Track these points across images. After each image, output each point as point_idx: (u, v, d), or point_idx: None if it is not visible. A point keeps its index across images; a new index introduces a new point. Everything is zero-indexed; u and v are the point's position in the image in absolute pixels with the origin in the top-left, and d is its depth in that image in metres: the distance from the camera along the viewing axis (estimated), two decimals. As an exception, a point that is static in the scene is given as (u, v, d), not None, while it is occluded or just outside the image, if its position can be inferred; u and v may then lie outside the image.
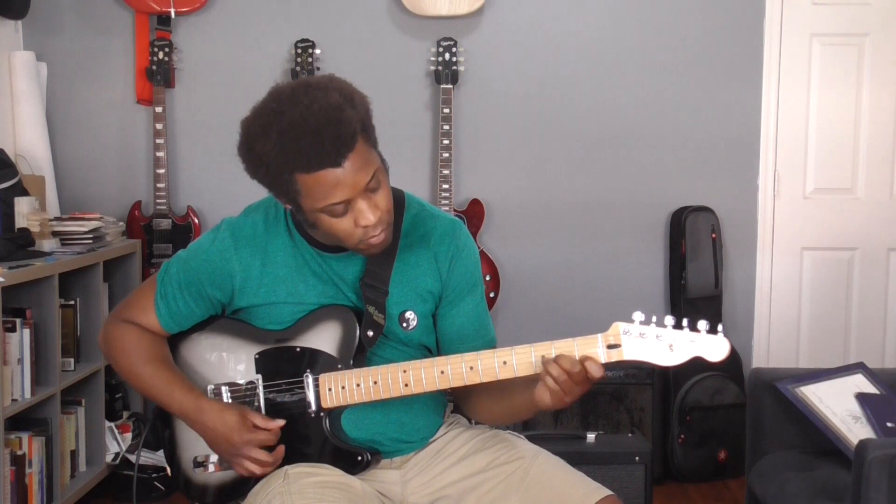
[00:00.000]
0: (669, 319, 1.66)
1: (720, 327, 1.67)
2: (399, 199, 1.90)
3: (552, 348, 1.73)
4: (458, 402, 1.99)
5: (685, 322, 1.66)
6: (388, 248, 1.86)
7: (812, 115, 4.18)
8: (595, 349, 1.68)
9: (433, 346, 1.95)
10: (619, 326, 1.68)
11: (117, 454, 3.63)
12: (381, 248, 1.81)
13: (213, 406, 1.86)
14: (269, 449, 1.86)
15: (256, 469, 1.85)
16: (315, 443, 1.87)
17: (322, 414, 1.86)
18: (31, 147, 3.85)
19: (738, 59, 4.15)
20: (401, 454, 1.95)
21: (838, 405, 2.82)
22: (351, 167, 1.69)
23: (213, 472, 1.92)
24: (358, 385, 1.82)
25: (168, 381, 1.91)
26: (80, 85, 4.12)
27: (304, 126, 1.65)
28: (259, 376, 1.90)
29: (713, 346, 1.66)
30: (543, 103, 4.15)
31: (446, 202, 3.93)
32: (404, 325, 1.90)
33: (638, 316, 1.66)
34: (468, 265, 1.94)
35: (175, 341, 1.98)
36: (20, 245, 3.24)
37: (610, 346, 1.68)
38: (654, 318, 1.67)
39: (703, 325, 1.65)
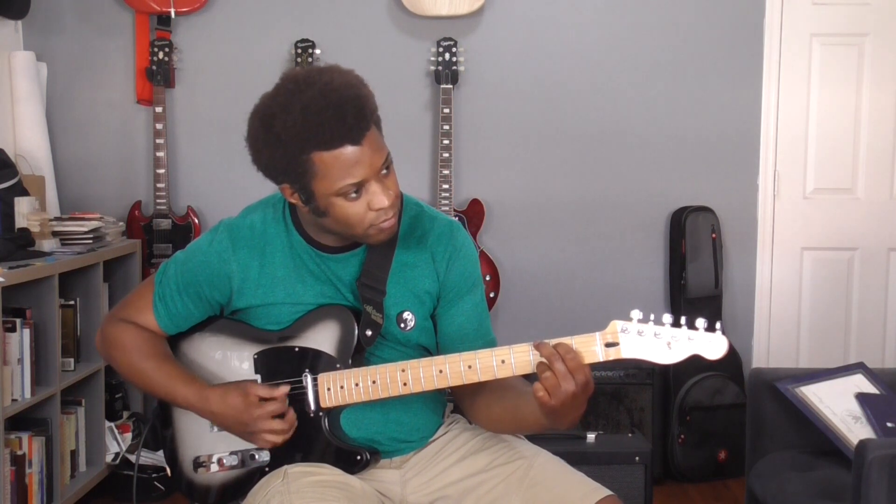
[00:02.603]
0: (667, 317, 1.65)
1: (718, 325, 1.66)
2: (397, 200, 1.91)
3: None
4: (460, 406, 1.99)
5: (683, 320, 1.65)
6: (386, 248, 1.87)
7: (812, 115, 4.18)
8: (593, 347, 1.67)
9: (432, 347, 1.95)
10: (617, 325, 1.67)
11: (117, 454, 3.63)
12: (388, 235, 1.81)
13: (216, 392, 1.87)
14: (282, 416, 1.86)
15: (276, 439, 1.85)
16: (314, 442, 1.87)
17: (321, 413, 1.86)
18: (31, 147, 3.85)
19: (737, 58, 4.15)
20: (400, 454, 1.95)
21: (838, 405, 2.81)
22: (368, 147, 1.71)
23: (216, 472, 1.92)
24: (357, 384, 1.82)
25: (169, 375, 1.91)
26: (80, 85, 4.12)
27: (328, 100, 1.68)
28: (258, 376, 1.90)
29: (711, 344, 1.65)
30: (543, 103, 4.15)
31: (446, 202, 3.93)
32: (402, 325, 1.89)
33: (636, 314, 1.65)
34: (466, 265, 1.93)
35: (174, 342, 1.99)
36: (20, 245, 3.24)
37: (608, 345, 1.67)
38: (651, 316, 1.66)
39: (701, 322, 1.64)
